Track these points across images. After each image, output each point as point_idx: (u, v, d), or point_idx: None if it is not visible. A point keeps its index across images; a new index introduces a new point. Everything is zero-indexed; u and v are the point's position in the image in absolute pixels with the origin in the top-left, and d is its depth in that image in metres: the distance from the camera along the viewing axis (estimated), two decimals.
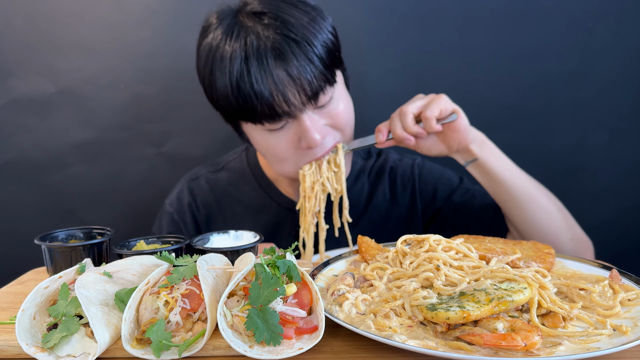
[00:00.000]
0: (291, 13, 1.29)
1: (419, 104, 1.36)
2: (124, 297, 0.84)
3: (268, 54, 1.25)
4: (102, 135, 1.96)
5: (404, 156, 1.73)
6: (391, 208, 1.67)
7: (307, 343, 0.77)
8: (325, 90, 1.33)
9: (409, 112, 1.35)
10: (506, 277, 0.88)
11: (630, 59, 1.98)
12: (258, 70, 1.25)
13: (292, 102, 1.28)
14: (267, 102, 1.27)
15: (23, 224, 2.00)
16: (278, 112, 1.29)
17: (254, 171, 1.66)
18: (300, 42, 1.27)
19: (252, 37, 1.27)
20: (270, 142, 1.38)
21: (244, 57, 1.26)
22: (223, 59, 1.29)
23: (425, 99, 1.38)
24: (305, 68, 1.27)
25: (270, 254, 0.90)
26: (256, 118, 1.32)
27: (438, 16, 1.93)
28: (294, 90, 1.27)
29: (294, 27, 1.27)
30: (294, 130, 1.36)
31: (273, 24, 1.27)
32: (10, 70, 1.89)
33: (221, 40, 1.30)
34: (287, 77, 1.26)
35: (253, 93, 1.26)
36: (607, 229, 2.11)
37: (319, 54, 1.29)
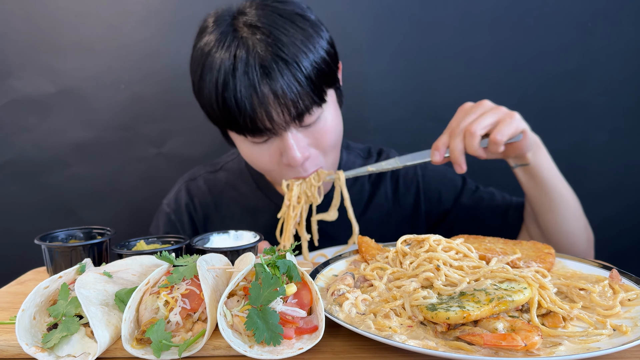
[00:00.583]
0: (285, 31, 1.27)
1: (488, 121, 1.23)
2: (124, 297, 0.84)
3: (255, 70, 1.23)
4: (102, 135, 1.96)
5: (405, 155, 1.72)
6: (393, 209, 1.66)
7: (307, 343, 0.77)
8: (311, 111, 1.30)
9: (478, 134, 1.22)
10: (506, 277, 0.88)
11: (630, 59, 1.98)
12: (243, 84, 1.24)
13: (275, 119, 1.26)
14: (249, 116, 1.26)
15: (23, 224, 2.00)
16: (260, 128, 1.28)
17: (252, 172, 1.66)
18: (289, 62, 1.24)
19: (243, 50, 1.25)
20: (254, 153, 1.38)
21: (231, 69, 1.25)
22: (212, 66, 1.28)
23: (494, 114, 1.24)
24: (291, 88, 1.24)
25: (270, 253, 0.90)
26: (239, 130, 1.31)
27: (438, 16, 1.93)
28: (278, 108, 1.25)
29: (284, 46, 1.25)
30: (277, 145, 1.34)
31: (265, 40, 1.25)
32: (10, 70, 1.89)
33: (213, 46, 1.29)
34: (272, 95, 1.24)
35: (236, 106, 1.25)
36: (607, 229, 2.11)
37: (307, 75, 1.26)
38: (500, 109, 1.26)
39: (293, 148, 1.30)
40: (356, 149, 1.73)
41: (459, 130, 1.25)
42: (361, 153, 1.72)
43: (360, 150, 1.73)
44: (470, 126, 1.23)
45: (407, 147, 1.99)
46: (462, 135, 1.25)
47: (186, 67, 1.97)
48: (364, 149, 1.74)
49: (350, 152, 1.70)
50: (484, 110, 1.26)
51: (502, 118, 1.24)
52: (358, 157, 1.70)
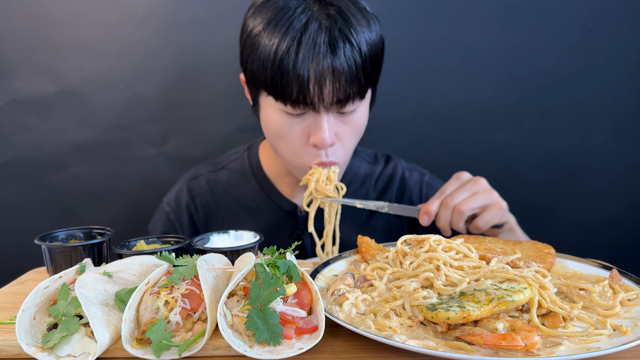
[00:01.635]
0: (356, 16, 1.30)
1: (477, 204, 1.32)
2: (124, 297, 0.84)
3: (323, 43, 1.25)
4: (102, 135, 1.96)
5: (413, 167, 1.71)
6: (396, 219, 1.66)
7: (307, 343, 0.77)
8: (354, 100, 1.32)
9: (465, 215, 1.31)
10: (506, 277, 0.88)
11: (630, 59, 1.98)
12: (307, 53, 1.24)
13: (323, 96, 1.27)
14: (301, 86, 1.26)
15: (23, 224, 2.00)
16: (306, 101, 1.28)
17: (255, 172, 1.65)
18: (354, 44, 1.27)
19: (314, 23, 1.26)
20: (283, 125, 1.36)
21: (299, 36, 1.25)
22: (277, 29, 1.27)
23: (485, 199, 1.33)
24: (350, 68, 1.27)
25: (270, 253, 0.90)
26: (283, 97, 1.30)
27: (438, 16, 1.93)
28: (331, 86, 1.27)
29: (354, 29, 1.28)
30: (308, 123, 1.34)
31: (337, 17, 1.28)
32: (10, 70, 1.89)
33: (282, 11, 1.28)
34: (330, 71, 1.25)
35: (293, 71, 1.25)
36: (607, 229, 2.12)
37: (364, 61, 1.29)
38: (492, 194, 1.34)
39: (325, 130, 1.31)
40: (362, 153, 1.72)
41: (450, 204, 1.33)
42: (367, 158, 1.71)
43: (367, 154, 1.72)
44: (461, 205, 1.32)
45: (407, 147, 2.00)
46: (451, 210, 1.33)
47: (186, 67, 1.97)
48: (370, 153, 1.73)
49: (356, 156, 1.69)
50: (478, 190, 1.34)
51: (490, 204, 1.33)
52: (364, 161, 1.69)
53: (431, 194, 1.63)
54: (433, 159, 1.95)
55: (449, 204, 1.33)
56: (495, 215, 1.33)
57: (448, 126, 2.02)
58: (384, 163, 1.71)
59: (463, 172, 1.40)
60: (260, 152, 1.67)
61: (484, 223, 1.32)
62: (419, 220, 1.38)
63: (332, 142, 1.34)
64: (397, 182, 1.66)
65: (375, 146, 1.81)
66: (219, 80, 1.92)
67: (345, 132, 1.37)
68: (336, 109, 1.32)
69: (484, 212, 1.33)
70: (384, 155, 1.74)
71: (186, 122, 1.98)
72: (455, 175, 1.40)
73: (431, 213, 1.36)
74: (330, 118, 1.33)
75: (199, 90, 1.96)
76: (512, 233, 1.44)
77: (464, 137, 2.02)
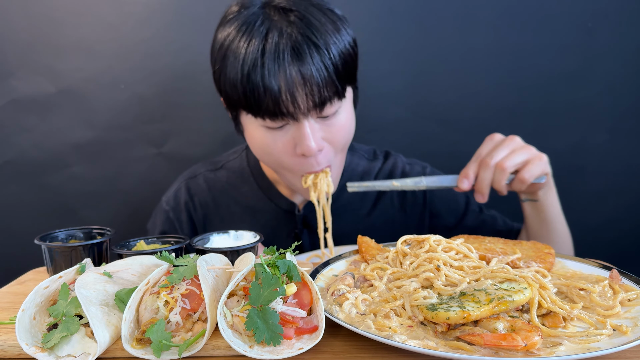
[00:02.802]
0: (318, 17, 1.28)
1: (519, 159, 1.30)
2: (124, 297, 0.84)
3: (286, 51, 1.23)
4: (102, 135, 1.96)
5: (413, 162, 1.70)
6: (398, 215, 1.65)
7: (307, 343, 0.77)
8: (332, 102, 1.30)
9: (508, 171, 1.29)
10: (506, 277, 0.88)
11: (630, 59, 1.98)
12: (272, 64, 1.23)
13: (298, 104, 1.26)
14: (274, 98, 1.25)
15: (23, 224, 2.00)
16: (282, 111, 1.27)
17: (254, 171, 1.65)
18: (320, 47, 1.25)
19: (275, 31, 1.25)
20: (267, 140, 1.35)
21: (261, 49, 1.24)
22: (240, 46, 1.26)
23: (525, 153, 1.31)
24: (320, 73, 1.25)
25: (270, 253, 0.90)
26: (259, 112, 1.29)
27: (438, 16, 1.93)
28: (303, 92, 1.25)
29: (317, 31, 1.26)
30: (292, 134, 1.32)
31: (298, 23, 1.26)
32: (10, 70, 1.89)
33: (242, 26, 1.28)
34: (300, 78, 1.24)
35: (262, 86, 1.24)
36: (607, 229, 2.11)
37: (335, 63, 1.27)
38: (531, 148, 1.32)
39: (309, 137, 1.29)
40: (360, 150, 1.71)
41: (491, 163, 1.30)
42: (365, 155, 1.70)
43: (365, 151, 1.71)
44: (503, 162, 1.28)
45: (407, 147, 2.00)
46: (493, 169, 1.30)
47: (186, 67, 1.97)
48: (369, 150, 1.72)
49: (354, 154, 1.68)
50: (515, 146, 1.31)
51: (531, 158, 1.31)
52: (362, 158, 1.69)
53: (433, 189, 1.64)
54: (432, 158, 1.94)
55: (489, 164, 1.30)
56: (537, 167, 1.30)
57: (447, 126, 2.02)
58: (383, 159, 1.70)
59: (495, 133, 1.37)
60: None
61: (529, 175, 1.29)
62: (458, 186, 1.35)
63: (319, 148, 1.32)
64: (398, 177, 1.66)
65: (375, 146, 1.80)
66: None
67: (332, 136, 1.36)
68: (316, 114, 1.30)
69: (527, 165, 1.30)
70: (383, 152, 1.73)
71: (186, 122, 1.98)
72: (488, 137, 1.37)
73: (470, 176, 1.33)
74: (313, 124, 1.31)
75: (199, 91, 1.96)
76: (550, 188, 1.42)
77: (464, 136, 2.02)
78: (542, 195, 1.42)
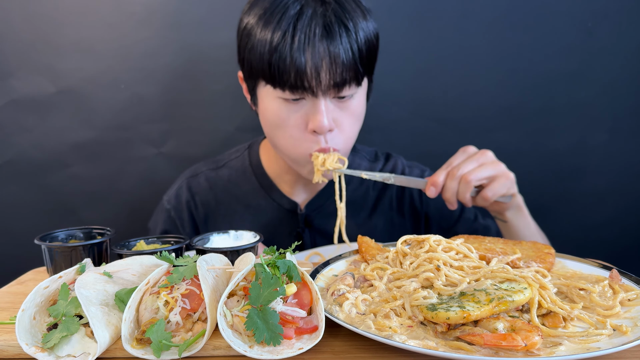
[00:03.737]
0: (350, 4, 1.33)
1: (484, 174, 1.32)
2: (124, 297, 0.84)
3: (318, 27, 1.27)
4: (102, 135, 1.96)
5: (413, 164, 1.72)
6: (397, 217, 1.66)
7: (307, 343, 0.77)
8: (351, 85, 1.33)
9: (472, 185, 1.31)
10: (506, 277, 0.88)
11: (630, 59, 1.98)
12: (303, 38, 1.26)
13: (320, 80, 1.28)
14: (297, 69, 1.27)
15: (23, 224, 2.00)
16: (304, 85, 1.29)
17: (256, 170, 1.65)
18: (349, 30, 1.29)
19: (309, 8, 1.28)
20: (281, 113, 1.36)
21: (294, 22, 1.27)
22: (272, 19, 1.29)
23: (492, 169, 1.32)
24: (346, 53, 1.28)
25: (270, 253, 0.90)
26: (280, 83, 1.31)
27: (438, 16, 1.93)
28: (327, 70, 1.28)
29: (349, 14, 1.31)
30: (306, 110, 1.34)
31: (332, 4, 1.31)
32: (10, 70, 1.89)
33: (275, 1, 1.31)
34: (326, 54, 1.27)
35: (290, 57, 1.26)
36: (607, 229, 2.12)
37: (360, 47, 1.31)
38: (499, 165, 1.34)
39: (322, 113, 1.32)
40: (362, 151, 1.72)
41: (457, 174, 1.33)
42: (367, 156, 1.71)
43: (367, 152, 1.73)
44: (468, 174, 1.31)
45: (407, 147, 2.00)
46: (458, 180, 1.33)
47: (186, 67, 1.97)
48: (371, 152, 1.74)
49: (357, 154, 1.69)
50: (485, 161, 1.34)
51: (497, 175, 1.33)
52: (364, 159, 1.70)
53: None
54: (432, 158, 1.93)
55: (455, 175, 1.33)
56: (503, 186, 1.32)
57: (448, 126, 2.02)
58: (384, 161, 1.71)
59: (469, 145, 1.39)
60: (261, 150, 1.67)
61: (492, 193, 1.32)
62: (425, 192, 1.37)
63: (330, 127, 1.35)
64: None
65: (375, 146, 1.81)
66: (219, 80, 1.92)
67: (343, 119, 1.38)
68: (333, 93, 1.33)
69: (491, 183, 1.33)
70: (384, 153, 1.74)
71: (186, 122, 1.98)
72: (462, 148, 1.40)
73: (438, 184, 1.35)
74: (328, 103, 1.34)
75: (199, 90, 1.96)
76: (519, 212, 1.44)
77: (464, 136, 2.01)
78: (511, 217, 1.44)
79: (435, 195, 1.37)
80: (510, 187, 1.35)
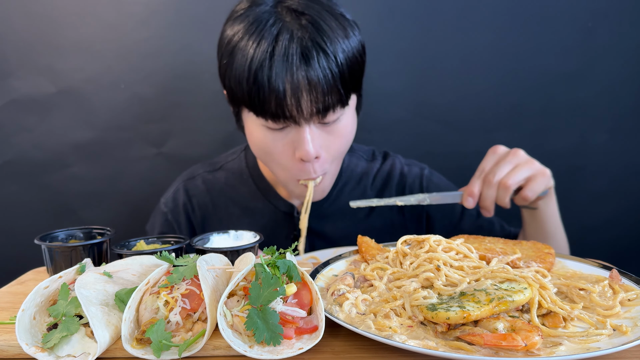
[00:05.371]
0: (329, 23, 1.28)
1: (522, 176, 1.28)
2: (124, 297, 0.84)
3: (295, 55, 1.23)
4: (102, 135, 1.96)
5: (411, 162, 1.70)
6: (397, 218, 1.65)
7: (307, 343, 0.77)
8: (335, 109, 1.30)
9: (512, 189, 1.27)
10: (506, 277, 0.88)
11: (630, 59, 1.98)
12: (281, 66, 1.23)
13: (301, 108, 1.25)
14: (278, 100, 1.24)
15: (23, 224, 2.00)
16: (285, 114, 1.26)
17: (252, 172, 1.64)
18: (328, 54, 1.25)
19: (286, 34, 1.24)
20: (267, 141, 1.35)
21: (271, 50, 1.24)
22: (249, 44, 1.26)
23: (528, 169, 1.28)
24: (326, 79, 1.24)
25: (270, 253, 0.90)
26: (262, 112, 1.28)
27: (438, 16, 1.93)
28: (308, 98, 1.25)
29: (327, 37, 1.26)
30: (292, 137, 1.32)
31: (309, 27, 1.26)
32: (10, 70, 1.89)
33: (253, 24, 1.27)
34: (305, 82, 1.23)
35: (268, 86, 1.23)
36: (607, 229, 2.12)
37: (342, 71, 1.27)
38: (534, 163, 1.30)
39: (308, 142, 1.29)
40: (359, 150, 1.71)
41: (494, 181, 1.29)
42: (364, 155, 1.70)
43: (364, 152, 1.71)
44: (506, 180, 1.27)
45: (407, 147, 2.00)
46: (496, 186, 1.29)
47: (186, 67, 1.97)
48: (368, 151, 1.72)
49: (353, 154, 1.68)
50: (519, 162, 1.29)
51: (534, 174, 1.29)
52: (361, 159, 1.68)
53: (432, 188, 1.63)
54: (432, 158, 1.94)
55: (492, 181, 1.28)
56: (541, 183, 1.29)
57: (448, 126, 2.02)
58: (381, 160, 1.69)
59: (498, 145, 1.35)
60: None
61: (532, 193, 1.28)
62: (463, 204, 1.34)
63: (317, 154, 1.32)
64: (396, 178, 1.65)
65: (375, 146, 1.80)
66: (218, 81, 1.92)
67: (331, 143, 1.35)
68: (317, 119, 1.30)
69: (529, 183, 1.29)
70: (382, 152, 1.72)
71: (186, 122, 1.98)
72: (491, 150, 1.35)
73: (475, 194, 1.32)
74: (313, 130, 1.31)
75: (199, 91, 1.96)
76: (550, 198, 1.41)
77: (464, 137, 2.02)
78: (542, 205, 1.41)
79: (474, 206, 1.33)
80: (547, 183, 1.31)
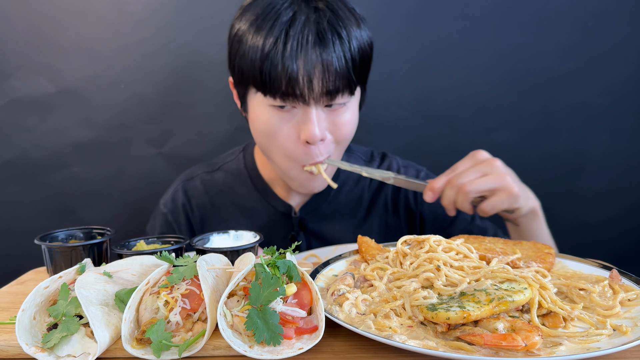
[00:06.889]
0: (344, 12, 1.32)
1: (484, 186, 1.23)
2: (124, 297, 0.84)
3: (310, 35, 1.25)
4: (102, 135, 1.96)
5: (409, 164, 1.70)
6: (393, 219, 1.65)
7: (307, 343, 0.77)
8: (343, 93, 1.31)
9: (470, 197, 1.25)
10: (506, 278, 0.88)
11: (630, 59, 1.98)
12: (295, 45, 1.24)
13: (312, 88, 1.26)
14: (289, 77, 1.25)
15: (23, 224, 2.00)
16: (295, 93, 1.27)
17: (251, 173, 1.64)
18: (343, 38, 1.28)
19: (301, 15, 1.27)
20: (272, 122, 1.34)
21: (286, 29, 1.25)
22: (265, 21, 1.27)
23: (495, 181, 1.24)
24: (339, 61, 1.27)
25: (270, 253, 0.90)
26: (272, 90, 1.28)
27: (438, 16, 1.93)
28: (319, 78, 1.26)
29: (342, 22, 1.29)
30: (298, 119, 1.32)
31: (325, 11, 1.29)
32: (10, 70, 1.89)
33: (269, 6, 1.29)
34: (319, 62, 1.25)
35: (281, 64, 1.24)
36: (607, 229, 2.12)
37: (354, 56, 1.30)
38: (504, 178, 1.24)
39: (314, 123, 1.30)
40: (358, 151, 1.71)
41: (456, 183, 1.26)
42: (362, 156, 1.70)
43: (362, 153, 1.71)
44: (467, 186, 1.24)
45: (407, 147, 2.00)
46: (456, 190, 1.26)
47: (186, 67, 1.97)
48: (366, 152, 1.72)
49: (352, 155, 1.68)
50: (489, 172, 1.25)
51: (499, 189, 1.24)
52: (359, 160, 1.69)
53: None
54: (432, 158, 1.94)
55: (454, 183, 1.26)
56: (503, 201, 1.24)
57: (447, 126, 2.02)
58: (379, 161, 1.70)
59: (480, 150, 1.31)
60: (255, 153, 1.66)
61: (489, 207, 1.25)
62: (423, 195, 1.34)
63: (322, 137, 1.33)
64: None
65: (375, 146, 1.81)
66: (219, 80, 1.92)
67: (335, 128, 1.36)
68: (325, 101, 1.31)
69: (492, 196, 1.25)
70: (380, 153, 1.72)
71: (186, 122, 1.98)
72: (471, 153, 1.31)
73: (436, 190, 1.31)
74: (320, 112, 1.32)
75: (199, 90, 1.96)
76: (535, 217, 1.36)
77: (464, 136, 2.02)
78: (525, 222, 1.37)
79: (433, 200, 1.32)
80: (512, 202, 1.25)
